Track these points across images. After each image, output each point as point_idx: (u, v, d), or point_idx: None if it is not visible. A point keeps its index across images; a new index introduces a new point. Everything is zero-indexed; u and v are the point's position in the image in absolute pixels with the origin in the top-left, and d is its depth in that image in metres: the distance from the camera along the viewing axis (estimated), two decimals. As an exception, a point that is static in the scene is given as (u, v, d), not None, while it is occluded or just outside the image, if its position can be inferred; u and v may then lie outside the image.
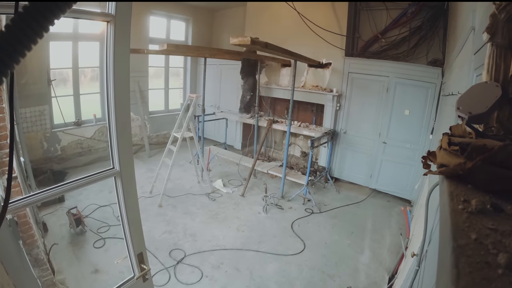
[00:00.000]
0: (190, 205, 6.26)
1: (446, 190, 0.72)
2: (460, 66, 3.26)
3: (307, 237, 5.39)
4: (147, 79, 9.26)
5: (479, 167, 0.70)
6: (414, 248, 3.24)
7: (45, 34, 0.56)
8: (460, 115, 0.91)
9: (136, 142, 9.12)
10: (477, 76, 1.96)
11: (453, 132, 0.92)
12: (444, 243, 0.56)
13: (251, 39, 4.13)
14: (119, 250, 4.61)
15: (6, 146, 2.78)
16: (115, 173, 1.85)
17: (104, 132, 8.06)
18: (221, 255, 4.78)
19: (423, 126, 6.36)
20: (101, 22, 1.62)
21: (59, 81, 7.20)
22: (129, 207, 1.96)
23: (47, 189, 1.59)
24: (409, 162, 6.60)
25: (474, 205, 0.63)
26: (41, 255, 3.26)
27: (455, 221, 0.59)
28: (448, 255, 0.51)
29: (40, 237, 3.88)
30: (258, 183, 7.51)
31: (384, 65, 6.64)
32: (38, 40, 0.54)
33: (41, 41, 0.54)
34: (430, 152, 0.89)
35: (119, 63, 1.68)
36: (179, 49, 6.31)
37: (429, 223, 2.30)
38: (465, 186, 0.72)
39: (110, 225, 5.27)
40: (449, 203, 0.65)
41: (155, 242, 4.94)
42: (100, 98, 8.09)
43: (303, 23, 7.04)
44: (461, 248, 0.51)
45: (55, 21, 0.57)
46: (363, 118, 7.12)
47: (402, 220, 5.87)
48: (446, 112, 4.39)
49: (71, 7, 0.59)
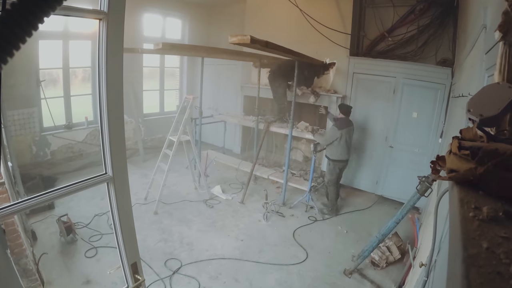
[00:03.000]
0: (186, 213, 6.25)
1: (456, 196, 0.72)
2: (471, 66, 3.27)
3: (309, 246, 5.38)
4: (142, 79, 9.28)
5: (491, 173, 0.70)
6: (422, 257, 3.23)
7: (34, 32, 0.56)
8: (471, 118, 0.91)
9: (130, 146, 9.12)
10: (489, 77, 1.96)
11: (463, 136, 0.92)
12: (454, 253, 0.56)
13: (250, 37, 4.14)
14: (112, 259, 4.59)
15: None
16: (107, 178, 1.85)
17: (96, 136, 8.06)
18: (219, 265, 4.77)
19: (432, 130, 6.36)
20: (93, 20, 1.62)
21: (49, 81, 7.22)
22: (122, 214, 1.95)
23: (36, 195, 1.59)
24: (417, 167, 6.55)
25: (485, 213, 0.63)
26: (30, 265, 3.26)
27: (466, 230, 0.59)
28: (458, 265, 0.51)
29: (29, 246, 3.88)
30: (259, 189, 7.50)
31: (391, 65, 6.65)
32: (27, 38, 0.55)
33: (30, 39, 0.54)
34: (439, 156, 0.89)
35: (112, 63, 1.68)
36: (175, 48, 6.31)
37: (438, 232, 2.29)
38: (476, 192, 0.72)
39: (102, 234, 5.26)
40: (459, 211, 0.65)
41: (150, 251, 4.93)
42: (92, 99, 8.09)
43: (306, 21, 7.05)
44: (472, 257, 0.51)
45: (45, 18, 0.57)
46: (368, 121, 7.13)
47: (410, 228, 5.85)
48: (456, 114, 4.38)
49: (61, 4, 0.59)
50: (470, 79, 3.24)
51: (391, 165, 7.02)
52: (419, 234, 5.09)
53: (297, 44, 6.54)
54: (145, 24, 9.04)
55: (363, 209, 6.83)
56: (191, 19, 10.20)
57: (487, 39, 2.24)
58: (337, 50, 7.24)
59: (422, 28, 6.46)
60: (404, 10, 6.60)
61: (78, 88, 7.91)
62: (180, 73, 10.79)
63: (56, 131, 7.46)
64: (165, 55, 9.62)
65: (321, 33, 7.10)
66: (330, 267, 4.85)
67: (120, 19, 1.67)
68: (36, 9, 0.55)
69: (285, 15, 7.87)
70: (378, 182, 7.25)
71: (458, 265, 0.51)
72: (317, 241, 5.55)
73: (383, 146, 7.02)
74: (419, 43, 6.60)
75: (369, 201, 7.14)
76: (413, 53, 6.67)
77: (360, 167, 7.48)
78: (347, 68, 7.22)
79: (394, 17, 6.74)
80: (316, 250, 5.27)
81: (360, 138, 7.28)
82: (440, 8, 6.20)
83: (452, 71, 5.91)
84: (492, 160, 0.70)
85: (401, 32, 6.73)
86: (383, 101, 6.85)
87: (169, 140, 6.54)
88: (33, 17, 0.54)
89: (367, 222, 6.29)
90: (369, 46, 7.16)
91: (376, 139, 7.11)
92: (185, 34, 10.31)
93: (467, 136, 0.91)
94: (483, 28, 2.59)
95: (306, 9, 7.00)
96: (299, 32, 7.63)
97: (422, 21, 6.47)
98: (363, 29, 7.23)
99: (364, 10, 7.14)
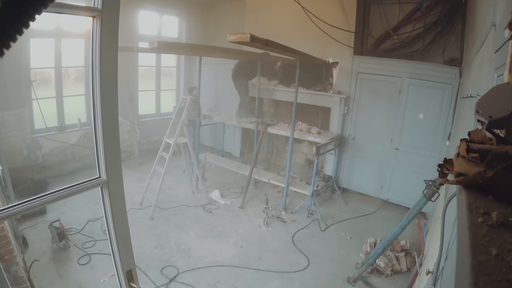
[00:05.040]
0: (184, 218, 6.25)
1: (464, 201, 0.71)
2: (480, 66, 3.27)
3: (312, 252, 5.37)
4: (137, 79, 9.29)
5: (501, 176, 0.70)
6: (429, 265, 3.22)
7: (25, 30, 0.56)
8: (480, 119, 0.91)
9: (125, 148, 9.11)
10: (498, 77, 1.96)
11: (472, 138, 0.92)
12: (462, 260, 0.56)
13: (250, 36, 4.15)
14: (106, 267, 4.58)
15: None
16: (101, 182, 1.85)
17: (89, 138, 8.03)
18: (218, 272, 4.76)
19: (439, 131, 6.36)
20: (87, 17, 1.62)
21: (40, 81, 7.22)
22: (117, 220, 1.95)
23: (27, 200, 1.59)
24: (423, 171, 6.55)
25: (495, 218, 0.63)
26: (21, 273, 3.25)
27: (474, 236, 0.59)
28: (467, 273, 0.51)
29: (20, 253, 3.87)
30: (259, 193, 7.49)
31: (396, 64, 6.66)
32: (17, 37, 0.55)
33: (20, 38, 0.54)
34: (446, 159, 0.88)
35: (106, 62, 1.68)
36: (171, 47, 6.33)
37: (445, 238, 2.29)
38: (485, 197, 0.72)
39: (96, 240, 5.25)
40: (468, 216, 0.65)
41: (145, 258, 4.92)
42: (85, 100, 8.10)
43: (308, 19, 7.07)
44: (480, 265, 0.51)
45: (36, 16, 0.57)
46: (373, 123, 7.13)
47: (416, 235, 5.85)
48: (464, 116, 4.39)
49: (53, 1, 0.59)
50: (478, 79, 3.24)
51: (397, 168, 7.02)
52: (425, 240, 5.09)
53: (298, 43, 6.55)
54: (141, 21, 9.06)
55: (368, 214, 6.82)
56: (189, 16, 10.21)
57: (497, 38, 2.25)
58: (341, 49, 7.25)
59: (429, 26, 6.46)
60: (410, 7, 6.59)
61: (71, 88, 7.91)
62: (177, 73, 10.80)
63: (48, 133, 7.45)
64: (162, 54, 9.63)
65: (324, 31, 7.12)
66: (333, 275, 4.84)
67: (115, 16, 1.67)
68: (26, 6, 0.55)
69: (286, 13, 7.89)
70: (383, 186, 7.24)
71: (467, 273, 0.51)
72: (320, 248, 5.54)
73: (388, 148, 7.02)
74: (425, 41, 6.60)
75: (373, 206, 7.14)
76: (420, 52, 6.67)
77: (364, 171, 7.47)
78: (351, 67, 7.23)
79: (399, 15, 6.74)
80: (319, 257, 5.26)
81: (364, 140, 7.29)
82: (447, 5, 6.20)
83: (460, 71, 5.92)
84: (501, 163, 0.70)
85: (407, 30, 6.72)
86: (388, 101, 6.86)
87: (165, 143, 6.55)
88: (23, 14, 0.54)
89: (372, 228, 6.28)
90: (373, 45, 7.16)
91: (380, 141, 7.10)
92: (182, 32, 10.33)
93: (476, 138, 0.91)
94: (492, 26, 2.59)
95: (308, 6, 7.02)
96: (300, 30, 7.65)
97: (429, 18, 6.46)
98: (367, 27, 7.23)
99: (369, 7, 7.14)
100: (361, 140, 7.35)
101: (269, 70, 8.70)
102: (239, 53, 7.22)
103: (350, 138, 7.46)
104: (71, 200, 5.90)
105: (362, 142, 7.34)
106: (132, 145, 9.21)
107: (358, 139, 7.39)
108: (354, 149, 7.49)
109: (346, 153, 7.61)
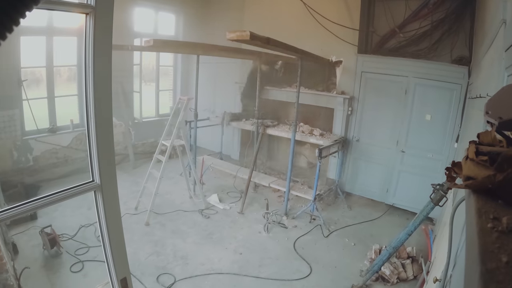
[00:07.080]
0: (180, 223, 6.24)
1: (473, 206, 0.71)
2: (489, 65, 3.28)
3: (314, 259, 5.36)
4: (132, 79, 9.29)
5: (511, 180, 0.70)
6: (436, 272, 3.22)
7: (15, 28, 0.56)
8: (489, 121, 0.91)
9: (119, 151, 9.11)
10: (509, 76, 1.97)
11: (481, 140, 0.92)
12: (471, 267, 0.56)
13: (250, 34, 4.15)
14: (99, 274, 4.56)
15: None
16: (95, 186, 1.85)
17: (82, 140, 8.04)
18: (216, 280, 4.75)
19: (447, 133, 6.36)
20: (79, 14, 1.63)
21: (31, 81, 7.23)
22: (111, 225, 1.95)
23: (18, 205, 1.59)
24: (431, 174, 6.53)
25: (505, 223, 0.63)
26: (11, 280, 3.24)
27: (484, 242, 0.58)
28: (476, 280, 0.50)
29: (10, 260, 3.86)
30: (259, 198, 7.48)
31: (402, 63, 6.66)
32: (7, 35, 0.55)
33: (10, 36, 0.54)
34: (455, 162, 0.88)
35: (100, 61, 1.68)
36: (168, 45, 6.33)
37: (453, 244, 2.29)
38: (495, 201, 0.72)
39: (89, 246, 5.24)
40: (477, 221, 0.65)
41: (140, 266, 4.91)
42: (78, 101, 8.10)
43: (310, 16, 7.08)
44: (490, 272, 0.51)
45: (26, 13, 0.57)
46: (378, 124, 7.13)
47: (423, 241, 5.84)
48: (473, 117, 4.39)
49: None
50: (488, 78, 3.25)
51: (403, 172, 7.01)
52: (433, 247, 5.08)
53: (300, 41, 6.55)
54: (136, 19, 9.05)
55: (372, 219, 6.81)
56: (186, 13, 10.22)
57: (507, 36, 2.25)
58: (344, 47, 7.25)
59: (436, 23, 6.47)
60: (417, 4, 6.59)
61: (63, 88, 7.92)
62: (174, 72, 10.80)
63: (39, 135, 7.43)
64: (158, 52, 9.62)
65: (327, 28, 7.12)
66: (336, 283, 4.83)
67: (109, 13, 1.67)
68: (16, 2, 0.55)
69: (288, 9, 7.90)
70: (389, 190, 7.24)
71: (476, 280, 0.51)
72: (322, 255, 5.53)
73: (394, 151, 7.01)
74: (433, 39, 6.61)
75: (378, 211, 7.13)
76: (427, 51, 6.67)
77: (368, 174, 7.47)
78: (355, 66, 7.23)
79: (406, 12, 6.74)
80: (321, 264, 5.25)
81: (369, 142, 7.29)
82: (455, 2, 6.20)
83: (468, 70, 5.92)
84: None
85: (414, 27, 6.73)
86: (394, 102, 6.86)
87: (161, 145, 6.54)
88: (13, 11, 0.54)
89: (377, 234, 6.27)
90: (378, 43, 7.17)
91: (386, 143, 7.10)
92: (179, 30, 10.32)
93: (485, 140, 0.91)
94: (502, 23, 2.60)
95: (310, 2, 7.03)
96: (302, 28, 7.65)
97: (436, 15, 6.47)
98: (372, 24, 7.24)
99: (374, 3, 7.14)
100: (365, 142, 7.34)
101: (269, 70, 8.70)
102: (238, 51, 7.21)
103: (354, 140, 7.46)
104: (63, 204, 5.92)
105: (367, 144, 7.33)
106: (126, 147, 9.21)
107: (362, 141, 7.38)
108: (358, 151, 7.48)
109: (350, 156, 7.61)
